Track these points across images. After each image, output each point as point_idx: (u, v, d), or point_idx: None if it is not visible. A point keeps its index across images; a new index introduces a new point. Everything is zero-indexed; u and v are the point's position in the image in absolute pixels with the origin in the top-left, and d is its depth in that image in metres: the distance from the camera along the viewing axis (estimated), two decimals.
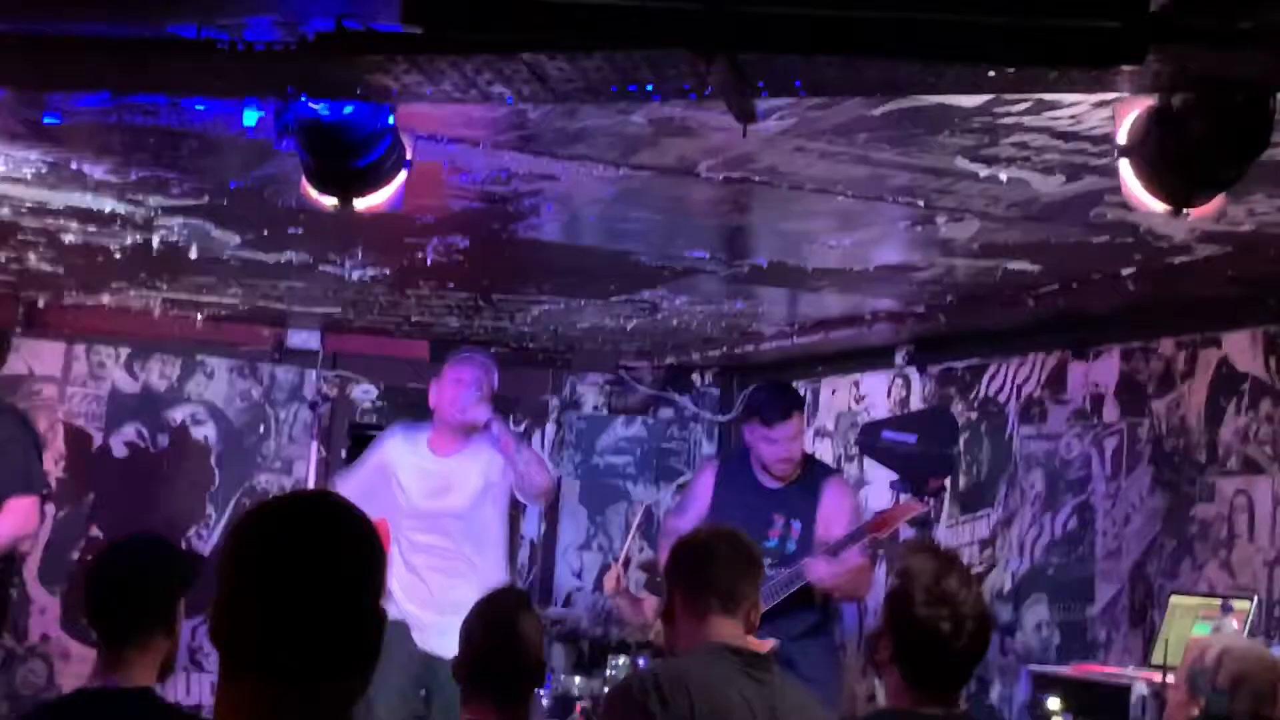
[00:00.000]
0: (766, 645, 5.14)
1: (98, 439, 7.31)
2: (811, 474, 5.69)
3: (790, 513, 5.57)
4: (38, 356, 7.18)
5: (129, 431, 7.38)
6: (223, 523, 7.49)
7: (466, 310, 6.79)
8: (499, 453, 5.84)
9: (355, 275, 5.90)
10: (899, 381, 6.92)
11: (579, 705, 6.58)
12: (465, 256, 5.40)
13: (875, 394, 7.12)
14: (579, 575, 8.12)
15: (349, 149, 3.11)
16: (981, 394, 6.40)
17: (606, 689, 6.43)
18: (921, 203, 4.26)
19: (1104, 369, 5.76)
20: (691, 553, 3.63)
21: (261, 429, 7.62)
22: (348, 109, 3.02)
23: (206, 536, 7.44)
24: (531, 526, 8.07)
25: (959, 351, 6.47)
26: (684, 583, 3.59)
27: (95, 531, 7.17)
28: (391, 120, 3.14)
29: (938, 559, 3.19)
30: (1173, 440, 5.42)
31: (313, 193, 3.30)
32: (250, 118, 3.54)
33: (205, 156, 4.13)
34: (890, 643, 3.14)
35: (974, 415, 6.41)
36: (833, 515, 5.55)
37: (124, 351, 7.38)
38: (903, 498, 5.76)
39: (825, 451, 7.35)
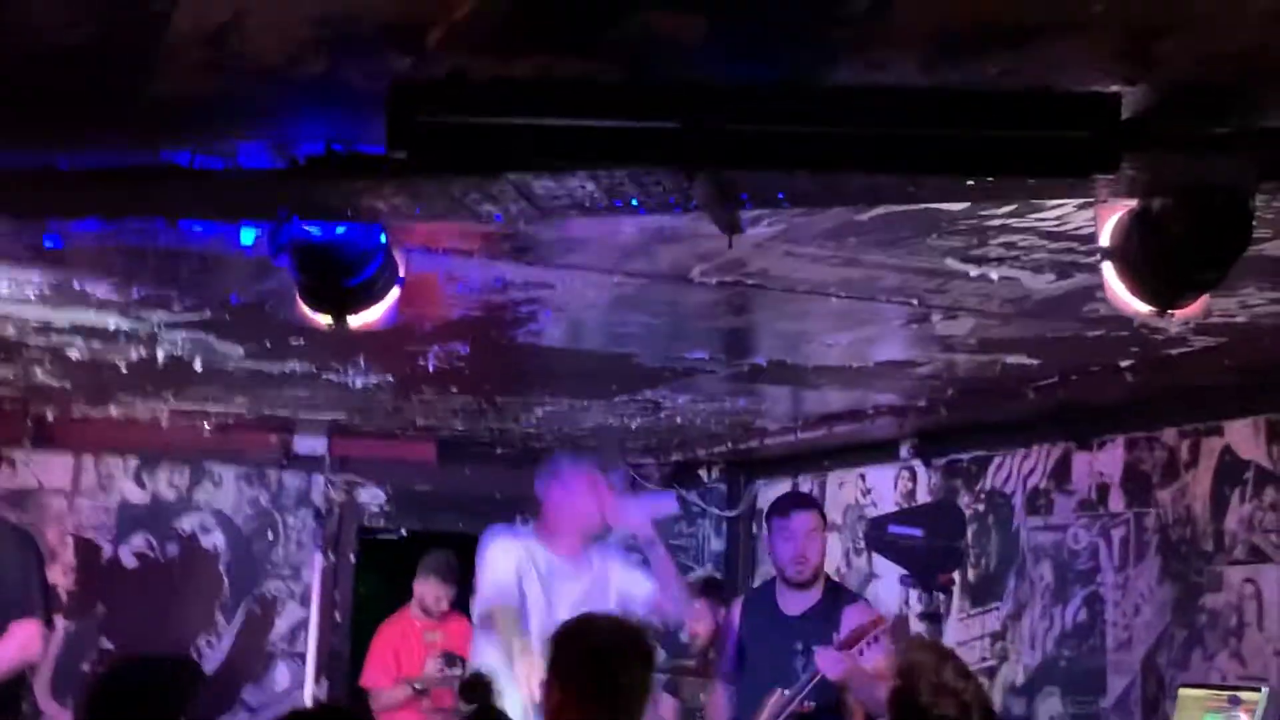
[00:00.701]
0: None
1: (107, 550, 7.32)
2: (834, 600, 5.38)
3: (813, 638, 5.20)
4: (46, 470, 7.22)
5: (138, 542, 7.40)
6: (233, 631, 7.47)
7: (471, 413, 6.81)
8: (657, 573, 5.37)
9: (359, 383, 5.94)
10: (905, 474, 6.91)
11: None
12: (466, 362, 5.44)
13: (882, 487, 7.11)
14: None
15: (341, 268, 3.15)
16: (987, 485, 6.39)
17: None
18: (915, 301, 4.29)
19: (1108, 459, 5.75)
20: None
21: (270, 535, 7.63)
22: (339, 229, 3.07)
23: (216, 645, 7.42)
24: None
25: (963, 444, 6.47)
26: None
27: (106, 643, 7.16)
28: (383, 239, 3.18)
29: (935, 653, 3.20)
30: (1179, 530, 5.40)
31: (307, 311, 3.33)
32: (247, 236, 3.59)
33: (205, 273, 4.18)
34: None
35: (980, 507, 6.40)
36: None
37: (132, 462, 7.42)
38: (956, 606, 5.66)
39: (834, 546, 7.32)
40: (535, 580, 5.20)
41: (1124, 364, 4.97)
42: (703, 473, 8.33)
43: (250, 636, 7.51)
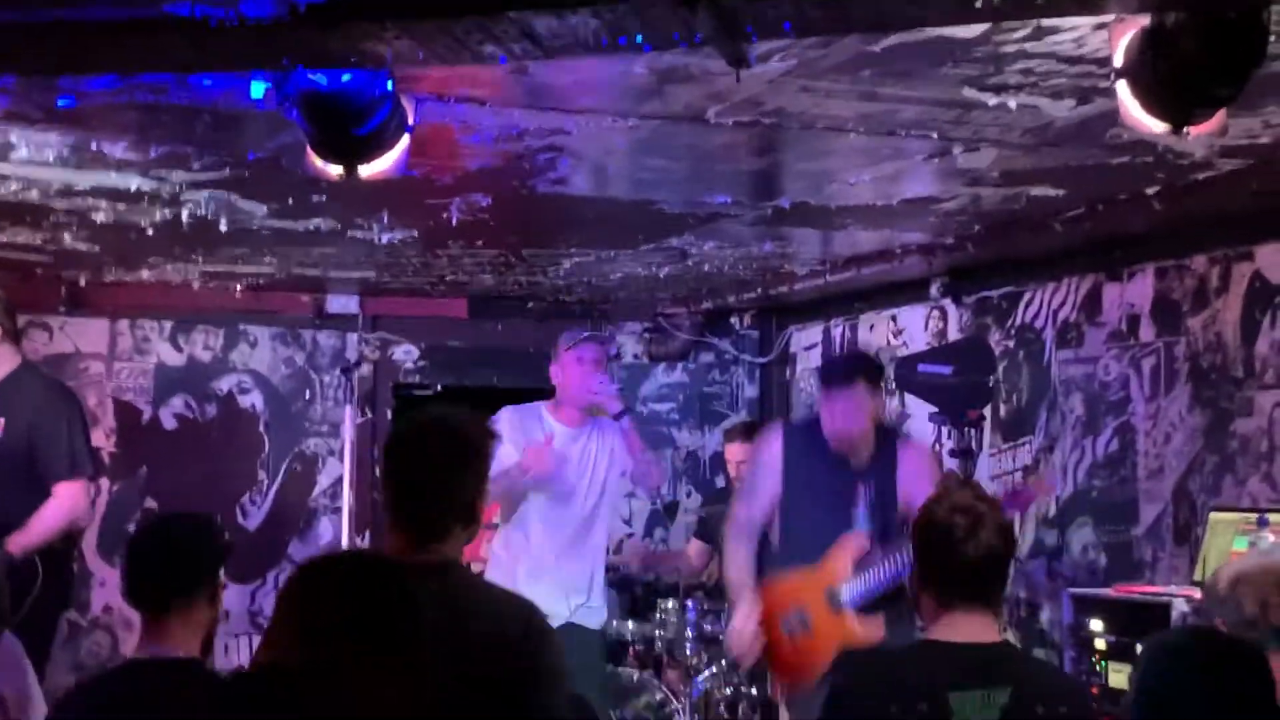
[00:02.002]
0: (875, 631, 5.01)
1: (147, 412, 7.42)
2: (887, 441, 5.14)
3: (870, 477, 5.06)
4: (82, 335, 7.30)
5: (177, 403, 7.49)
6: (275, 488, 7.60)
7: (499, 267, 6.83)
8: (624, 445, 5.80)
9: (385, 239, 5.95)
10: (935, 313, 6.90)
11: (632, 649, 6.67)
12: (490, 214, 5.43)
13: (913, 327, 7.11)
14: (628, 522, 8.18)
15: (349, 117, 3.14)
16: (1018, 321, 6.37)
17: (658, 632, 6.51)
18: (935, 135, 4.24)
19: (1138, 289, 5.72)
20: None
21: (307, 394, 7.72)
22: (345, 77, 3.05)
23: (260, 502, 7.55)
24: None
25: (993, 280, 6.44)
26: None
27: (150, 503, 7.30)
28: (390, 86, 3.17)
29: (954, 481, 3.23)
30: (1209, 357, 5.39)
31: (318, 162, 3.33)
32: (257, 90, 3.58)
33: (221, 130, 4.18)
34: (918, 563, 3.17)
35: (1011, 343, 6.39)
36: (913, 476, 5.03)
37: (167, 325, 7.49)
38: (988, 442, 5.61)
39: None
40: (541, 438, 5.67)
41: (1150, 191, 4.91)
42: (734, 320, 8.34)
43: (292, 493, 7.64)
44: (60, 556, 5.59)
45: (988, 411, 6.31)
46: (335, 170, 3.32)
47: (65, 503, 5.49)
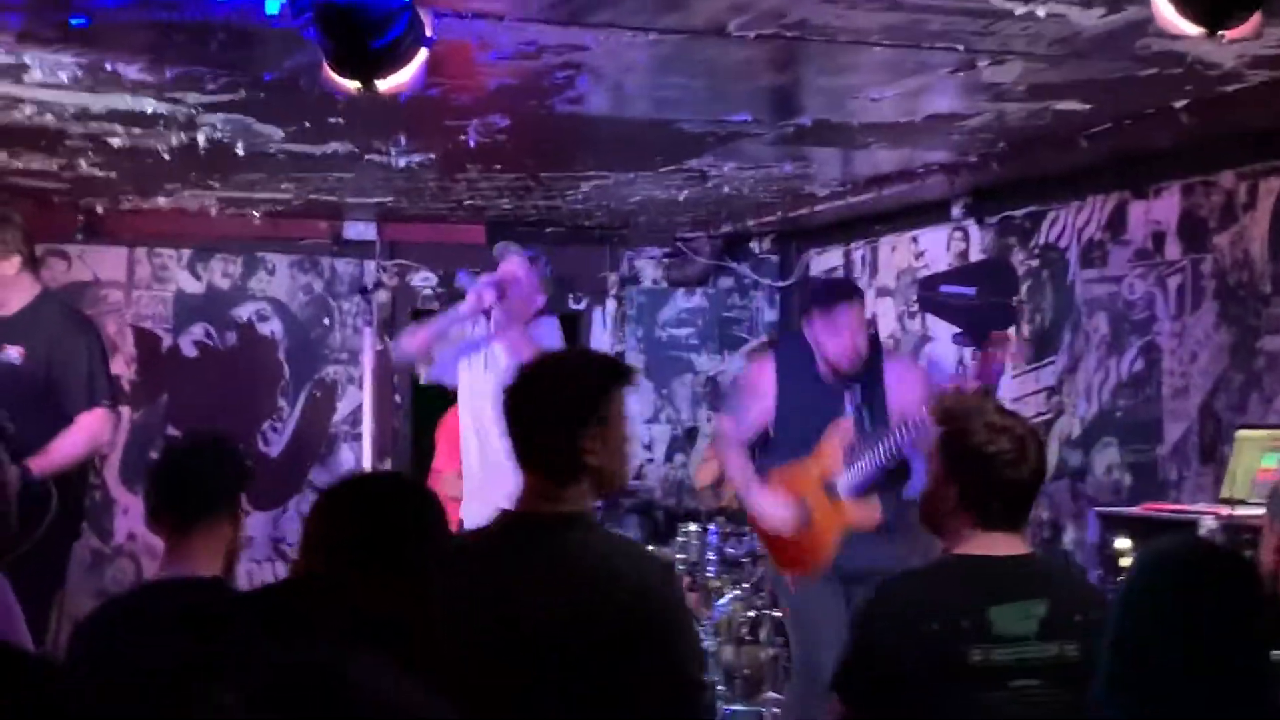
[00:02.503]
0: (873, 512, 5.15)
1: (167, 340, 7.42)
2: (873, 354, 5.38)
3: (858, 390, 5.29)
4: (101, 263, 7.28)
5: (197, 331, 7.49)
6: (295, 415, 7.60)
7: (517, 191, 6.78)
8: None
9: (402, 162, 5.90)
10: (957, 234, 6.83)
11: None
12: (508, 136, 5.38)
13: (934, 249, 7.04)
14: (649, 448, 8.17)
15: (366, 29, 3.09)
16: (1041, 241, 6.31)
17: (679, 556, 6.52)
18: (961, 47, 4.17)
19: (1164, 207, 5.65)
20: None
21: (326, 321, 7.70)
22: None
23: (281, 429, 7.55)
24: None
25: (1016, 199, 6.37)
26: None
27: (171, 430, 7.30)
28: None
29: (974, 397, 3.19)
30: (1236, 274, 5.33)
31: (335, 77, 3.29)
32: (273, 5, 3.53)
33: (235, 49, 4.13)
34: (954, 488, 3.12)
35: (1035, 263, 6.33)
36: (904, 388, 5.28)
37: (186, 253, 7.47)
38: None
39: (887, 310, 7.31)
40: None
41: (1178, 105, 4.83)
42: (754, 244, 8.28)
43: (313, 420, 7.64)
44: (75, 484, 5.59)
45: (1011, 332, 6.26)
46: (352, 85, 3.27)
47: (86, 431, 5.48)
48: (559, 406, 3.00)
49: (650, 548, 6.63)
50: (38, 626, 5.05)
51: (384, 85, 3.27)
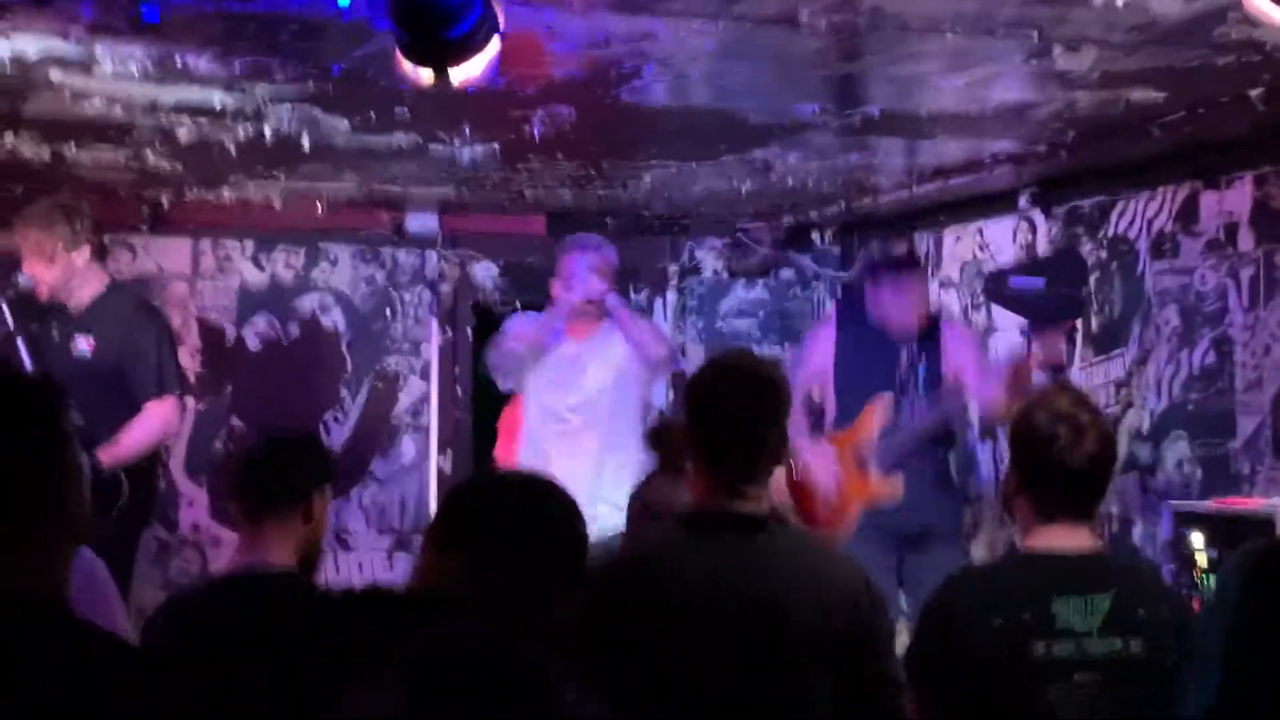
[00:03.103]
0: (894, 488, 5.30)
1: (231, 332, 7.45)
2: (929, 321, 5.68)
3: (916, 354, 5.58)
4: (165, 254, 7.32)
5: (260, 322, 7.51)
6: (357, 406, 7.62)
7: (579, 181, 6.76)
8: (632, 335, 5.91)
9: (465, 154, 5.90)
10: (1024, 225, 6.76)
11: None
12: (572, 126, 5.35)
13: (1000, 240, 6.97)
14: None
15: (440, 19, 3.08)
16: (1110, 232, 6.23)
17: None
18: (1035, 34, 4.11)
19: (1237, 197, 5.57)
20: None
21: (388, 313, 7.72)
22: None
23: (343, 420, 7.58)
24: (659, 395, 8.09)
25: (1085, 190, 6.29)
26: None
27: (236, 421, 7.34)
28: None
29: (1052, 388, 3.21)
30: None
31: (408, 68, 3.28)
32: None
33: (305, 40, 4.13)
34: (1016, 471, 3.14)
35: (1103, 254, 6.25)
36: (958, 352, 5.57)
37: (249, 244, 7.49)
38: (1079, 355, 5.78)
39: (951, 302, 7.25)
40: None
41: (1254, 93, 4.75)
42: (815, 236, 8.23)
43: (375, 411, 7.66)
44: (145, 473, 5.64)
45: (1079, 324, 6.19)
46: (426, 75, 3.26)
47: (155, 420, 5.53)
48: (772, 402, 3.04)
49: None
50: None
51: (457, 76, 3.26)
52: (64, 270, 5.53)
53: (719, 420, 3.05)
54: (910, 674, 3.20)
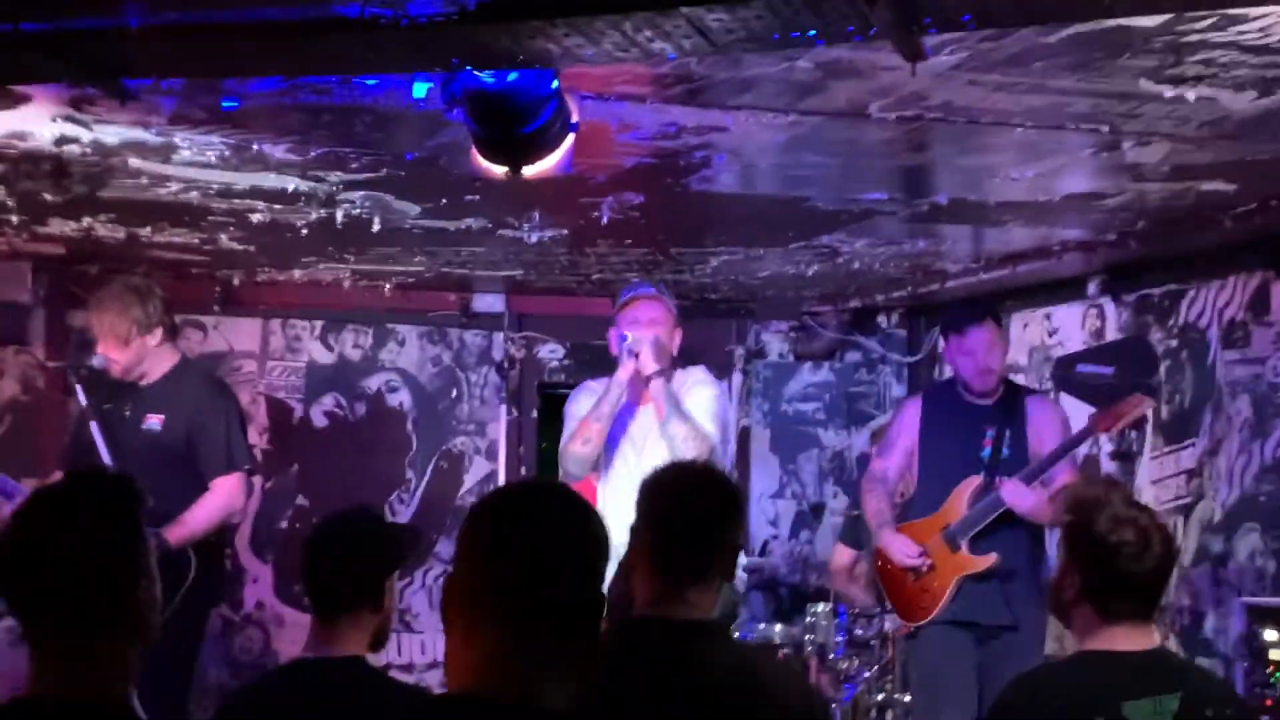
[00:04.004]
0: (988, 561, 5.23)
1: (298, 410, 7.51)
2: (1013, 392, 5.58)
3: (999, 423, 5.47)
4: (236, 333, 7.40)
5: (328, 401, 7.57)
6: (422, 486, 7.65)
7: (646, 265, 6.79)
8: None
9: (534, 238, 5.95)
10: (1092, 312, 6.71)
11: (780, 653, 6.58)
12: (641, 212, 5.40)
13: (1068, 326, 6.93)
14: (774, 523, 8.09)
15: (515, 116, 3.12)
16: (1180, 320, 6.18)
17: (807, 636, 6.43)
18: (1106, 128, 4.12)
19: None
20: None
21: (454, 393, 7.75)
22: (512, 76, 3.03)
23: (408, 500, 7.60)
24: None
25: (1154, 278, 6.25)
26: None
27: (302, 500, 7.37)
28: (555, 85, 3.14)
29: (1103, 485, 3.16)
30: None
31: (483, 162, 3.32)
32: (419, 90, 3.59)
33: (380, 130, 4.20)
34: (1077, 577, 3.09)
35: (1173, 343, 6.20)
36: (1043, 427, 5.47)
37: (318, 324, 7.56)
38: (1150, 445, 5.70)
39: None
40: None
41: None
42: (881, 319, 8.21)
43: (440, 491, 7.67)
44: (213, 550, 5.66)
45: (1149, 413, 6.12)
46: (500, 170, 3.30)
47: (222, 496, 5.55)
48: (726, 504, 3.02)
49: (779, 626, 6.58)
50: (179, 693, 5.11)
51: (530, 170, 3.29)
52: (137, 352, 5.58)
53: (669, 522, 3.01)
54: None
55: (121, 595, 2.26)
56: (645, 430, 5.22)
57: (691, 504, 3.02)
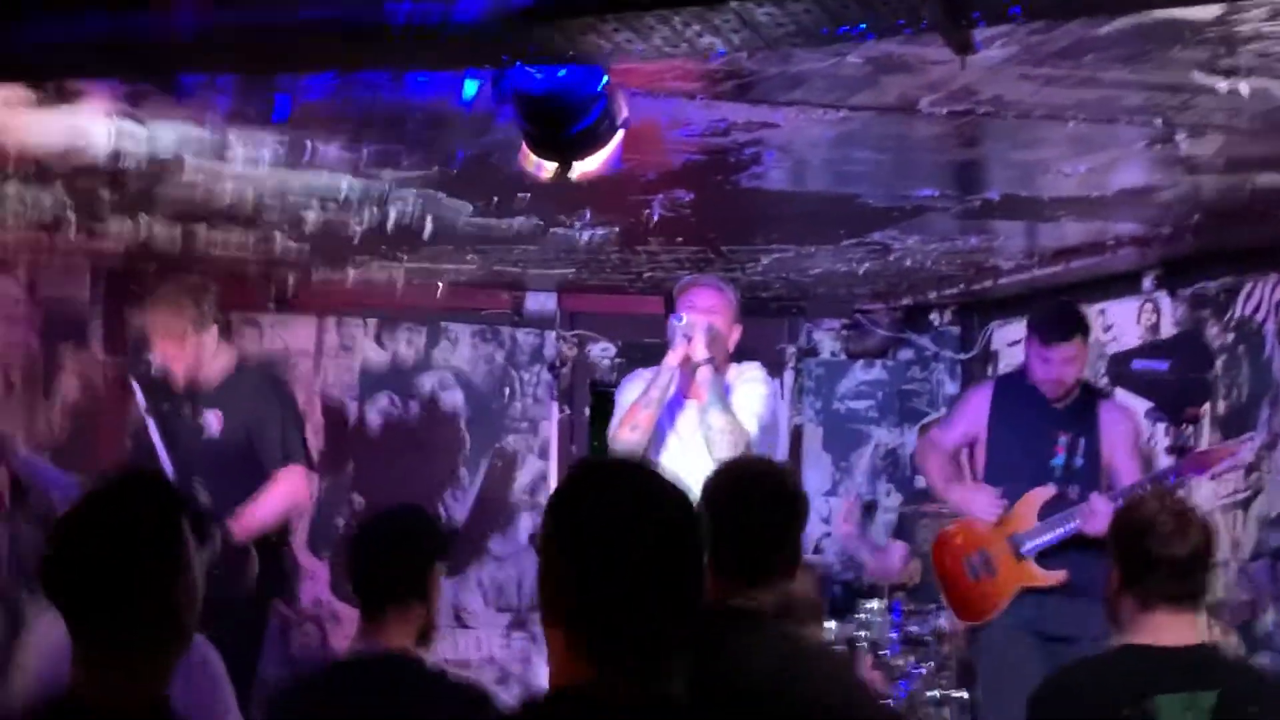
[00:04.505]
0: (1055, 577, 5.18)
1: (353, 410, 7.56)
2: (1088, 395, 5.56)
3: (1074, 429, 5.44)
4: (291, 333, 7.46)
5: (382, 401, 7.61)
6: (476, 484, 7.68)
7: (697, 263, 6.79)
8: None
9: (585, 236, 5.97)
10: (1148, 307, 6.66)
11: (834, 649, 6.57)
12: (691, 210, 5.40)
13: (1123, 322, 6.87)
14: (826, 521, 8.07)
15: (565, 114, 3.13)
16: (1237, 314, 6.12)
17: (861, 633, 6.42)
18: (1159, 121, 4.08)
19: None
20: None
21: (507, 392, 7.78)
22: (561, 73, 3.04)
23: (461, 499, 7.64)
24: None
25: (1211, 272, 6.20)
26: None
27: (357, 499, 7.43)
28: (605, 82, 3.15)
29: (1156, 493, 3.20)
30: None
31: (532, 161, 3.33)
32: (470, 89, 3.61)
33: (431, 129, 4.22)
34: (1118, 567, 3.11)
35: (1230, 337, 6.14)
36: (1116, 437, 5.44)
37: (372, 323, 7.61)
38: (1206, 439, 5.64)
39: None
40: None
41: None
42: (934, 316, 8.18)
43: (493, 490, 7.71)
44: (275, 545, 5.74)
45: (1206, 408, 6.08)
46: (549, 168, 3.32)
47: (284, 488, 5.63)
48: (786, 506, 3.02)
49: (832, 623, 6.57)
50: (242, 690, 5.17)
51: (579, 169, 3.31)
52: (194, 351, 5.65)
53: (727, 523, 2.97)
54: None
55: (161, 597, 2.29)
56: (692, 425, 5.14)
57: (752, 505, 3.03)
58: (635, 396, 5.19)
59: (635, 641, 1.94)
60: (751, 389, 5.21)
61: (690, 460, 4.76)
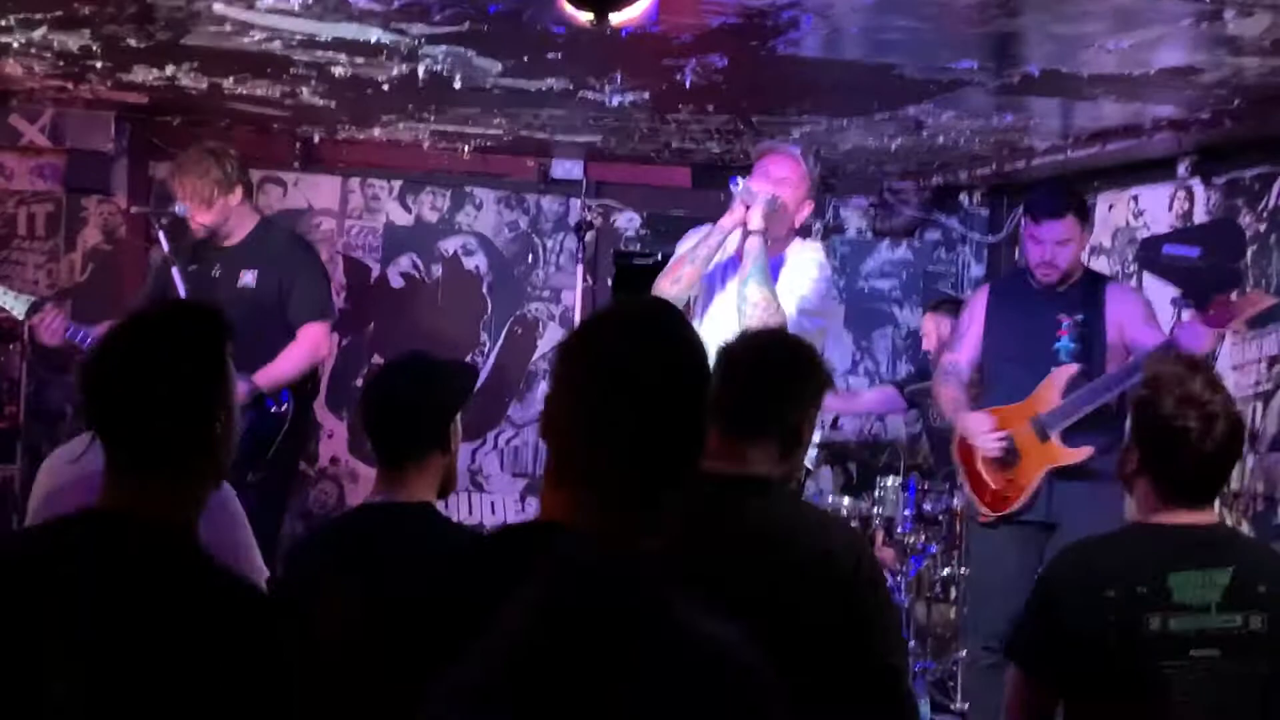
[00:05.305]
0: (1082, 454, 5.08)
1: (375, 270, 7.54)
2: (1092, 280, 5.35)
3: (1075, 311, 5.22)
4: (315, 191, 7.42)
5: (404, 262, 7.59)
6: (496, 349, 7.69)
7: (727, 135, 6.72)
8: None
9: (615, 101, 5.88)
10: (1181, 194, 6.58)
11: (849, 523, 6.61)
12: (724, 77, 5.32)
13: (1155, 208, 6.80)
14: None
15: None
16: (1271, 204, 6.04)
17: (876, 509, 6.44)
18: None
19: None
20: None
21: (530, 258, 7.75)
22: None
23: (482, 364, 7.64)
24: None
25: (1247, 159, 6.10)
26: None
27: (377, 359, 7.43)
28: None
29: (1184, 365, 3.11)
30: None
31: (569, 8, 3.27)
32: None
33: None
34: (1137, 452, 3.08)
35: (1263, 226, 6.07)
36: (1123, 317, 5.20)
37: (396, 184, 7.56)
38: (1235, 295, 5.36)
39: (1101, 269, 7.08)
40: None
41: None
42: (964, 197, 8.10)
43: (513, 355, 7.71)
44: (307, 397, 5.85)
45: (1235, 296, 6.01)
46: (585, 16, 3.26)
47: (308, 342, 5.74)
48: (791, 362, 2.99)
49: (846, 499, 6.60)
50: (270, 538, 5.24)
51: (617, 18, 3.25)
52: (220, 212, 5.71)
53: (729, 374, 2.92)
54: (1018, 648, 3.15)
55: (200, 426, 2.28)
56: (734, 292, 4.95)
57: (754, 358, 3.01)
58: (686, 250, 5.08)
59: (614, 478, 1.93)
60: (803, 270, 5.01)
61: (722, 326, 4.68)
